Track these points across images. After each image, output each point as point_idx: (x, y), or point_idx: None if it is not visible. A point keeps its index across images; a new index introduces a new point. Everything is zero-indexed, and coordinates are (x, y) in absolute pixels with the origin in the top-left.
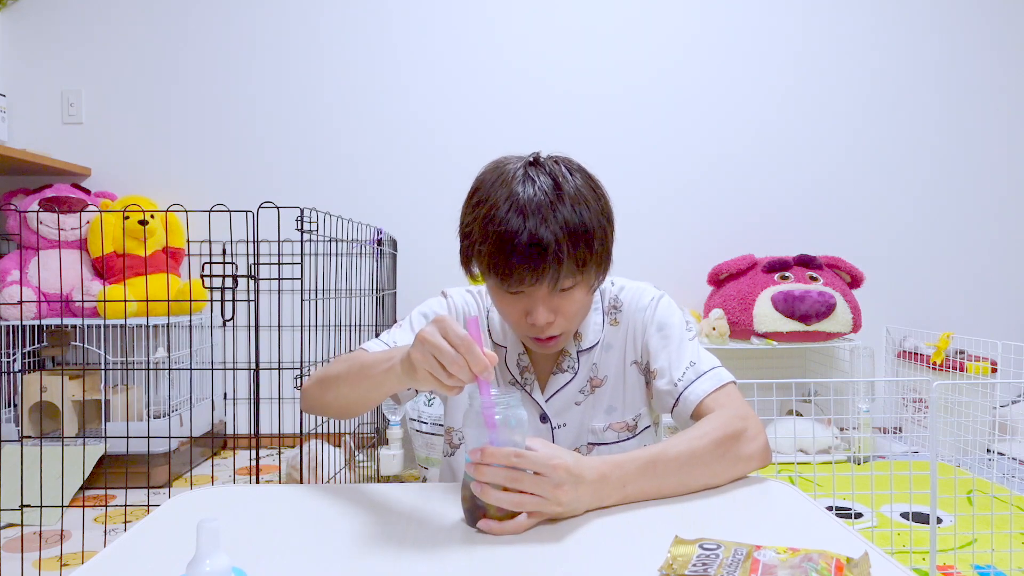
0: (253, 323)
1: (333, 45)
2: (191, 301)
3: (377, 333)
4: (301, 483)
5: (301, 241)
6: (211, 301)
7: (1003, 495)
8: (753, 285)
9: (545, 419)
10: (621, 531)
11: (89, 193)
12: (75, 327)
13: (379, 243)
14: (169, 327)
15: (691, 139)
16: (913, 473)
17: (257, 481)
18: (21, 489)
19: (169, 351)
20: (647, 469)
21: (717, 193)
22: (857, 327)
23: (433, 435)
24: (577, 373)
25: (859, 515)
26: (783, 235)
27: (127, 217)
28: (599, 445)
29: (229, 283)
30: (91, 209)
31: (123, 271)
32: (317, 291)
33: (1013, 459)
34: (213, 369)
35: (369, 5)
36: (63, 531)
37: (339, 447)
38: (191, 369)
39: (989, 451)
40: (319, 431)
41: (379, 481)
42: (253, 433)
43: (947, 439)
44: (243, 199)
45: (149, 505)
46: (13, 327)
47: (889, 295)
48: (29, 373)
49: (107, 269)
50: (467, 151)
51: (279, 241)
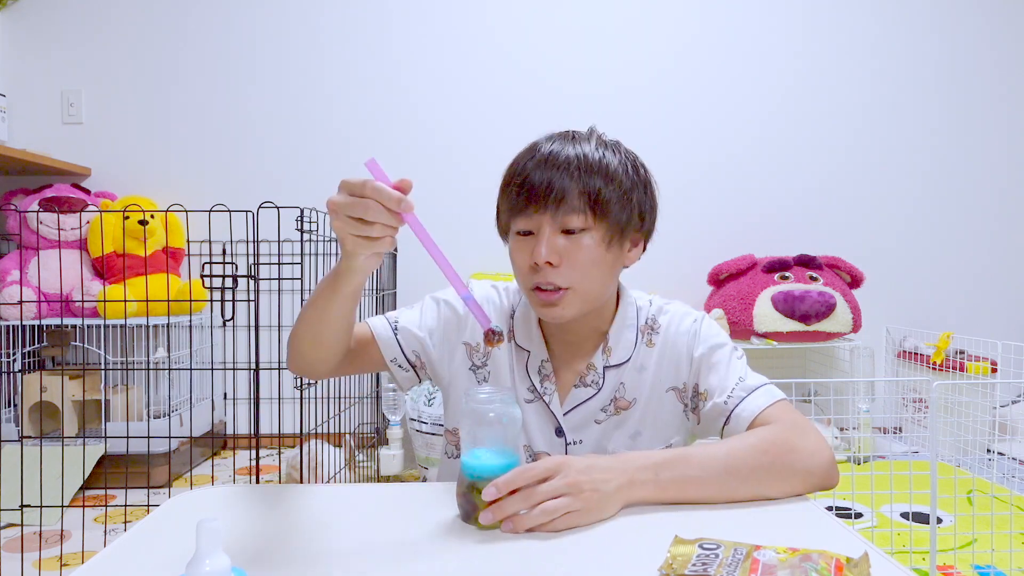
0: (253, 323)
1: (333, 45)
2: (191, 301)
3: None
4: (301, 483)
5: (301, 241)
6: (211, 301)
7: (1003, 495)
8: (753, 285)
9: (560, 433)
10: (621, 531)
11: (89, 193)
12: (75, 327)
13: None
14: (169, 327)
15: (691, 139)
16: (913, 473)
17: (257, 481)
18: (21, 489)
19: (169, 351)
20: (679, 461)
21: (717, 193)
22: (857, 327)
23: (433, 435)
24: (601, 389)
25: (859, 515)
26: (783, 235)
27: (127, 217)
28: None
29: (229, 283)
30: (91, 209)
31: (123, 271)
32: None
33: (1013, 459)
34: (213, 369)
35: (369, 5)
36: (63, 531)
37: (339, 447)
38: (191, 369)
39: (989, 451)
40: (319, 431)
41: (379, 481)
42: (253, 433)
43: (947, 439)
44: (243, 199)
45: (149, 505)
46: (13, 327)
47: (889, 295)
48: (29, 373)
49: (107, 269)
50: (467, 151)
51: (279, 241)
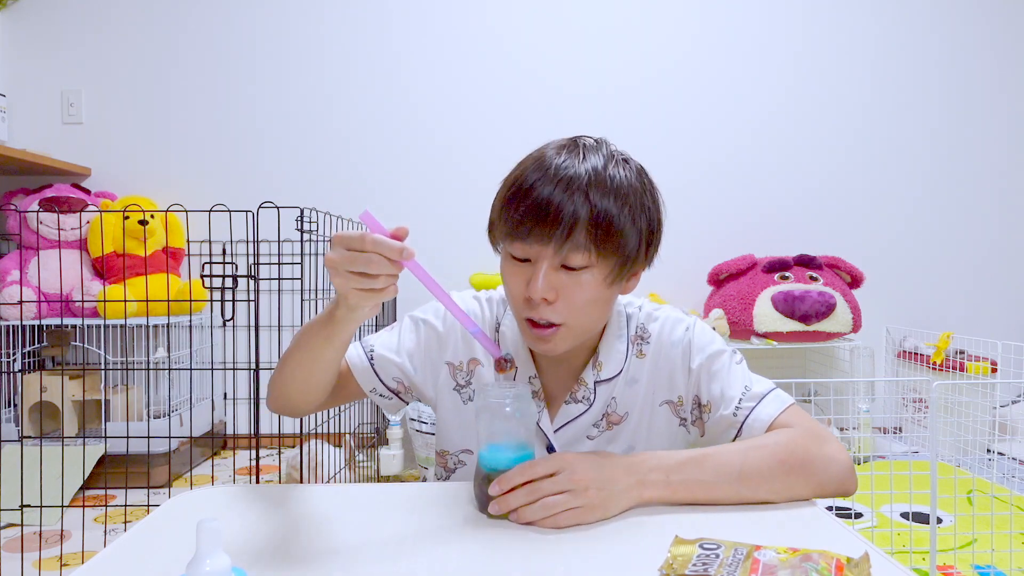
0: (253, 323)
1: (333, 45)
2: (191, 301)
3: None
4: (301, 483)
5: (301, 241)
6: (211, 301)
7: (1003, 495)
8: (753, 285)
9: (551, 450)
10: (621, 531)
11: (89, 193)
12: (75, 327)
13: None
14: (169, 327)
15: (691, 139)
16: (913, 473)
17: (257, 481)
18: (21, 489)
19: (169, 351)
20: (692, 465)
21: (717, 193)
22: (857, 327)
23: (433, 435)
24: (592, 404)
25: (859, 515)
26: (783, 235)
27: (127, 217)
28: None
29: (229, 283)
30: (91, 209)
31: (123, 271)
32: (317, 291)
33: (1013, 459)
34: (213, 369)
35: (369, 5)
36: (63, 531)
37: (339, 447)
38: (191, 369)
39: (989, 451)
40: (319, 431)
41: (379, 481)
42: (253, 433)
43: (947, 439)
44: (243, 199)
45: (149, 505)
46: (13, 327)
47: (889, 295)
48: (29, 373)
49: (107, 269)
50: (467, 151)
51: (279, 241)
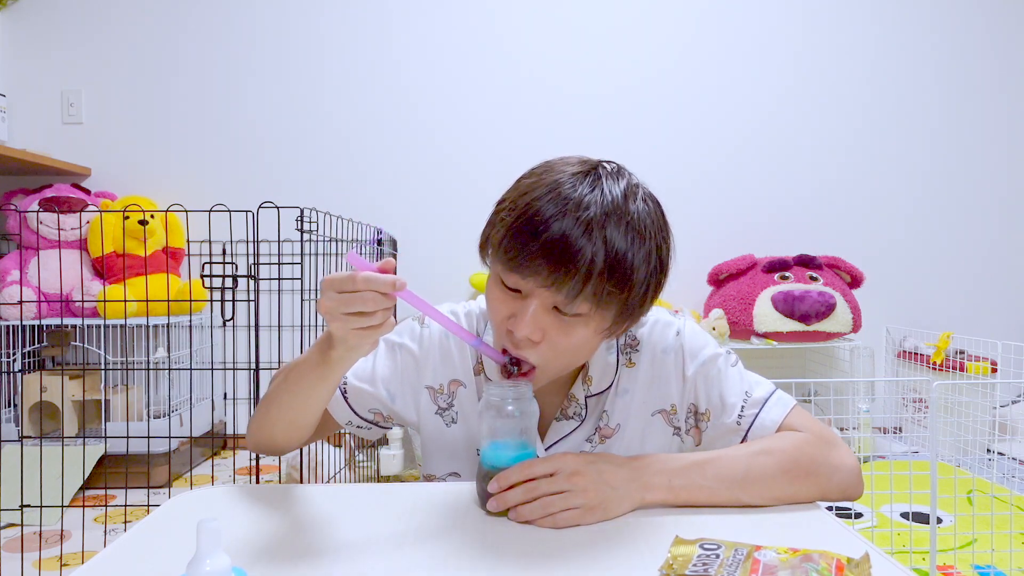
0: (253, 323)
1: (333, 45)
2: (191, 301)
3: None
4: (301, 483)
5: (301, 241)
6: (211, 301)
7: (1003, 495)
8: (753, 285)
9: None
10: (621, 531)
11: (89, 193)
12: (75, 327)
13: (379, 243)
14: (169, 327)
15: (691, 139)
16: (913, 473)
17: (257, 481)
18: (21, 489)
19: (169, 351)
20: (695, 470)
21: (717, 193)
22: (857, 327)
23: None
24: (584, 420)
25: (859, 515)
26: (783, 235)
27: (127, 217)
28: None
29: (229, 283)
30: (91, 209)
31: (123, 271)
32: (317, 291)
33: (1013, 459)
34: (213, 369)
35: (369, 5)
36: (63, 531)
37: (339, 447)
38: (191, 369)
39: (989, 451)
40: None
41: (379, 481)
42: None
43: (947, 439)
44: (243, 199)
45: (149, 505)
46: (13, 327)
47: (889, 295)
48: (29, 373)
49: (107, 269)
50: (467, 151)
51: (279, 241)
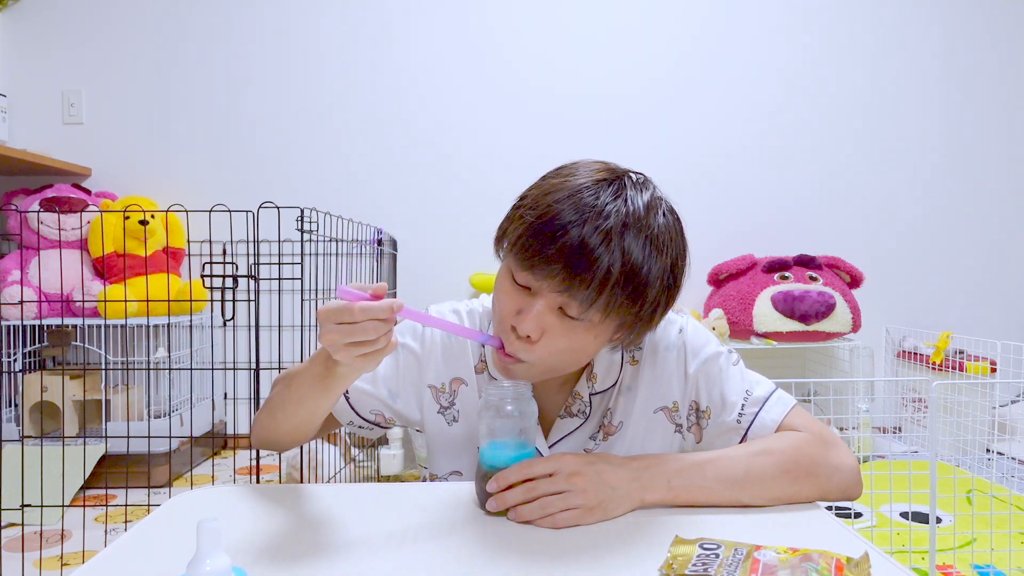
0: (253, 323)
1: (333, 45)
2: (191, 301)
3: None
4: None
5: (301, 241)
6: (211, 301)
7: (1002, 495)
8: (753, 285)
9: None
10: (621, 531)
11: (89, 193)
12: (76, 327)
13: (379, 243)
14: (169, 327)
15: (691, 139)
16: (912, 473)
17: (257, 481)
18: (22, 489)
19: (169, 351)
20: (695, 471)
21: (717, 193)
22: (857, 327)
23: None
24: (588, 418)
25: (859, 515)
26: (783, 235)
27: (127, 217)
28: None
29: (229, 283)
30: (91, 209)
31: (123, 271)
32: (317, 291)
33: (1012, 459)
34: (213, 369)
35: (369, 6)
36: (64, 531)
37: (335, 445)
38: (191, 369)
39: (988, 451)
40: None
41: (379, 481)
42: (249, 436)
43: (946, 439)
44: (243, 199)
45: (149, 505)
46: (14, 327)
47: (889, 295)
48: (30, 373)
49: (107, 269)
50: (468, 151)
51: (279, 241)
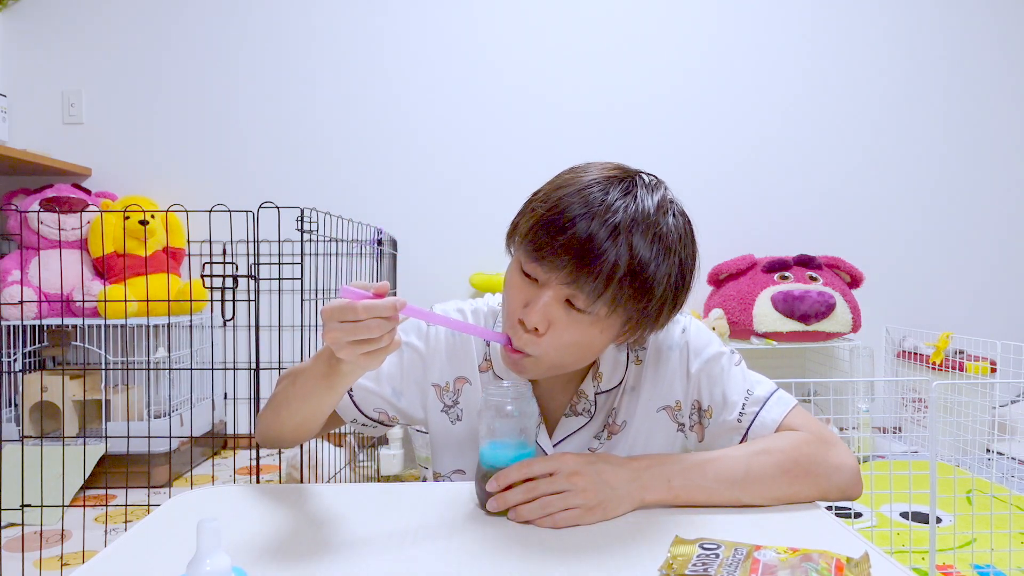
0: (253, 323)
1: (333, 46)
2: (191, 301)
3: None
4: (301, 483)
5: (301, 241)
6: (211, 301)
7: (1002, 495)
8: (753, 285)
9: None
10: (621, 531)
11: (89, 193)
12: (75, 327)
13: (379, 243)
14: (169, 327)
15: (691, 139)
16: (912, 473)
17: (257, 481)
18: (22, 489)
19: (169, 351)
20: (695, 471)
21: (717, 193)
22: (857, 327)
23: None
24: (593, 417)
25: (859, 515)
26: (783, 235)
27: (127, 217)
28: None
29: (229, 283)
30: (91, 209)
31: (123, 271)
32: (317, 291)
33: (1012, 459)
34: (213, 369)
35: (368, 7)
36: (64, 531)
37: (339, 447)
38: (191, 369)
39: (988, 451)
40: None
41: (379, 481)
42: (253, 433)
43: (946, 439)
44: (243, 199)
45: (149, 505)
46: (14, 327)
47: (889, 295)
48: (30, 373)
49: (107, 269)
50: (468, 151)
51: (279, 241)
